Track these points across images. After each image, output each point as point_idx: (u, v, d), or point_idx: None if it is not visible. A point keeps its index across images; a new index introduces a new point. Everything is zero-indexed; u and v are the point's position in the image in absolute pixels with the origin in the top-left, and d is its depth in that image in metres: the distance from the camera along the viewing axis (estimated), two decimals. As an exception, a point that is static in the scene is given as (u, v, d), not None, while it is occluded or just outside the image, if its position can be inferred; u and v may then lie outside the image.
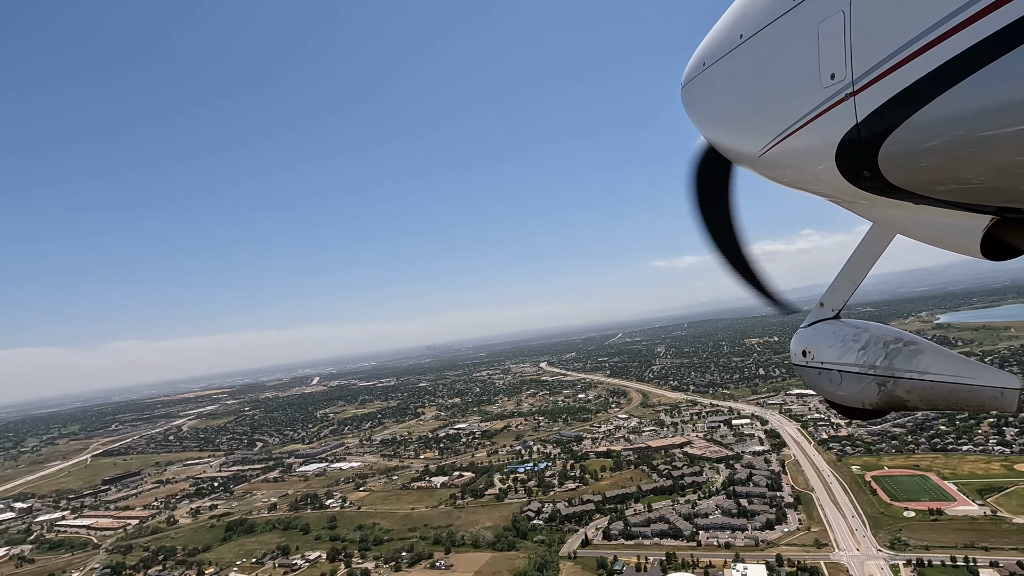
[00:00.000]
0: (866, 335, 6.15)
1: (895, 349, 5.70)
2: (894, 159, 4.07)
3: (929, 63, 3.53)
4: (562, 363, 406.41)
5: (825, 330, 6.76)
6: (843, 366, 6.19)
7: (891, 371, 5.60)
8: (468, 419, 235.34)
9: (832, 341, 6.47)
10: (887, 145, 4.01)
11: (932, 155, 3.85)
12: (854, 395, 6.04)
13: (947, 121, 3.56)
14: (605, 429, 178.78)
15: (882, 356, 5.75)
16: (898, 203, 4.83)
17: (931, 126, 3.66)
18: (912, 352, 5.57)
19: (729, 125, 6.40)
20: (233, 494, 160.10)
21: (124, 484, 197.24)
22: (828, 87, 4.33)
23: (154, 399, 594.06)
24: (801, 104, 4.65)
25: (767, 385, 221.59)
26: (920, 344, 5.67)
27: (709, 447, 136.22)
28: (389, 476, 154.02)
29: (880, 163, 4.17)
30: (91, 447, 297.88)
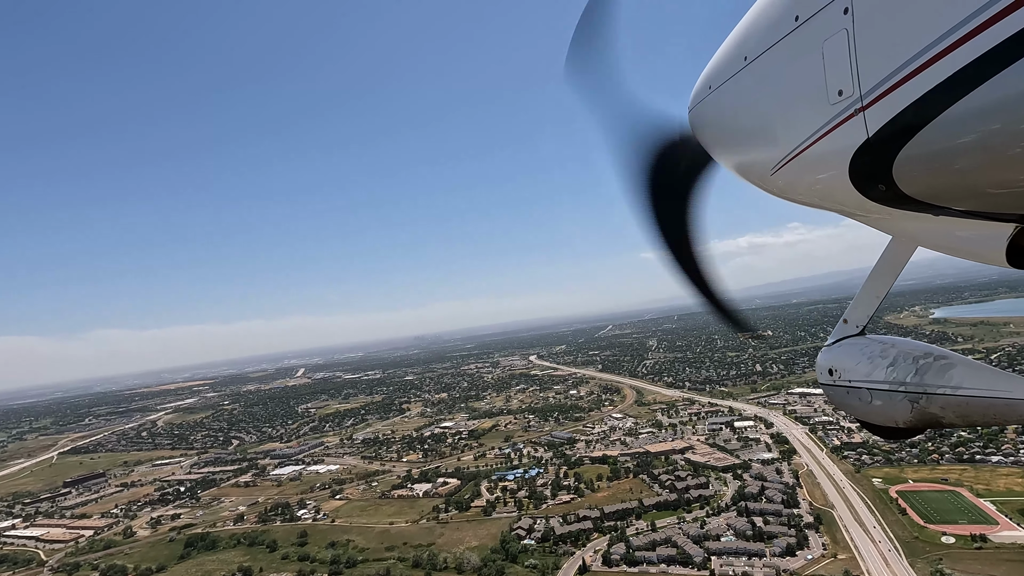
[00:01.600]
0: (894, 351, 5.90)
1: (925, 364, 5.44)
2: (909, 171, 4.05)
3: (938, 74, 3.54)
4: (552, 356, 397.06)
5: (851, 347, 6.56)
6: (872, 384, 5.95)
7: (923, 387, 5.35)
8: (455, 417, 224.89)
9: (859, 358, 6.27)
10: (901, 157, 3.99)
11: (947, 165, 3.83)
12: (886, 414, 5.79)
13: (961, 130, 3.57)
14: (599, 430, 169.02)
15: (912, 372, 5.49)
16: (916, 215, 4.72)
17: (945, 136, 3.66)
18: (943, 367, 5.31)
19: (738, 146, 6.39)
20: (199, 501, 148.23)
21: (86, 487, 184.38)
22: (836, 103, 4.32)
23: (133, 391, 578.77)
24: (810, 122, 4.64)
25: (766, 383, 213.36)
26: (951, 358, 5.38)
27: (713, 453, 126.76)
28: (368, 482, 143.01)
29: (895, 175, 4.13)
30: (60, 443, 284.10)
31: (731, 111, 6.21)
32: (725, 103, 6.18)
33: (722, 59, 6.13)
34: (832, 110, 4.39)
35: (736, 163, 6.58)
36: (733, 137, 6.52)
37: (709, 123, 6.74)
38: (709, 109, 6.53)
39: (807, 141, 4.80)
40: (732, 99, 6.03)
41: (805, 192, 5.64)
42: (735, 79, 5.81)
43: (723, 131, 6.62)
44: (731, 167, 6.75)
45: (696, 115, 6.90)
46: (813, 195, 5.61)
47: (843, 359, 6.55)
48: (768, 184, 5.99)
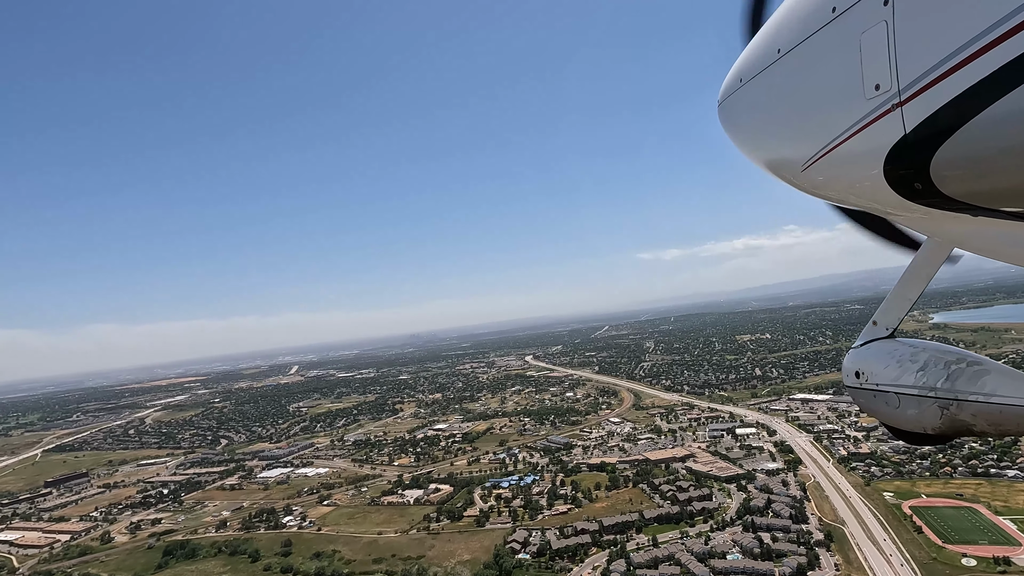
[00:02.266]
0: (924, 355, 5.79)
1: (958, 370, 5.33)
2: (947, 170, 3.93)
3: (979, 71, 3.46)
4: (548, 357, 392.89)
5: (880, 350, 6.43)
6: (901, 388, 5.84)
7: (954, 393, 5.23)
8: (448, 418, 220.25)
9: (888, 362, 6.14)
10: (939, 156, 3.88)
11: (988, 165, 3.73)
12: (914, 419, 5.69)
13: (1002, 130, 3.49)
14: (597, 435, 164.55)
15: (943, 377, 5.38)
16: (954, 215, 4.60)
17: (985, 135, 3.58)
18: (976, 373, 5.19)
19: (770, 141, 6.27)
20: (182, 504, 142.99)
21: (68, 487, 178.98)
22: (873, 98, 4.21)
23: (124, 386, 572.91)
24: (845, 116, 4.53)
25: (767, 387, 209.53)
26: (986, 364, 5.27)
27: (715, 462, 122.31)
28: (358, 487, 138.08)
29: (932, 174, 4.02)
30: (45, 440, 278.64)
31: (762, 105, 6.06)
32: (756, 97, 6.03)
33: (754, 52, 5.99)
34: (868, 105, 4.25)
35: (766, 159, 6.37)
36: (764, 132, 6.33)
37: (739, 117, 6.58)
38: (740, 103, 6.38)
39: (841, 137, 4.63)
40: (764, 93, 5.86)
41: (837, 190, 5.51)
42: (767, 72, 5.66)
43: (754, 126, 6.45)
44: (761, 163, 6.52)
45: (726, 109, 6.73)
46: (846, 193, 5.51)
47: (871, 362, 6.40)
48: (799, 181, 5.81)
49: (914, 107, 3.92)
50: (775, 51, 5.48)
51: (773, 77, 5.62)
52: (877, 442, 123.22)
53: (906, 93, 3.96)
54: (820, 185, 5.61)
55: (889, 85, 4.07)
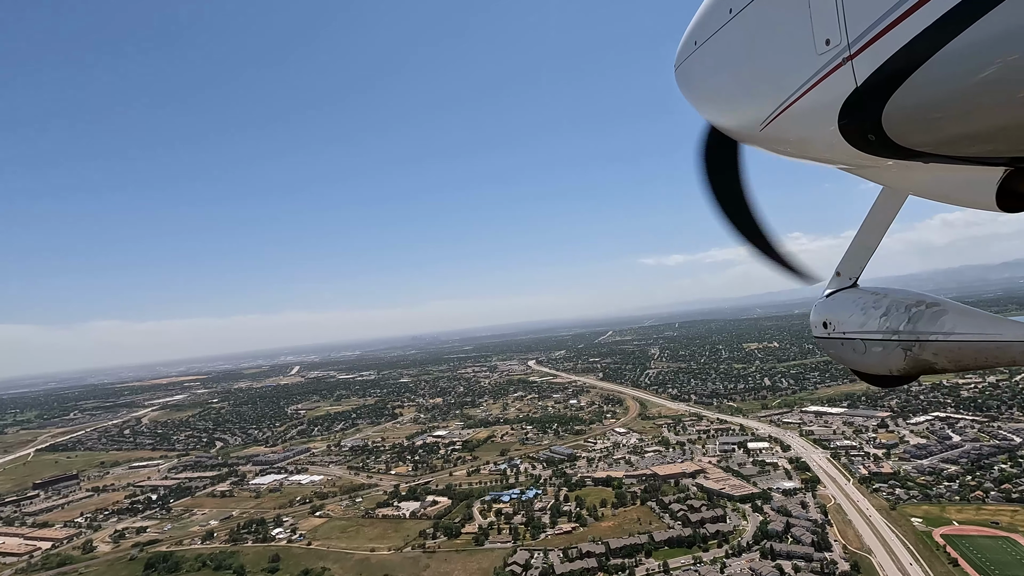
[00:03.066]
0: (886, 300, 6.02)
1: (918, 312, 5.56)
2: (898, 119, 4.03)
3: (925, 19, 3.52)
4: (551, 362, 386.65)
5: (844, 299, 6.62)
6: (866, 334, 6.06)
7: (916, 335, 5.47)
8: (449, 424, 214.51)
9: (852, 310, 6.35)
10: (890, 105, 3.97)
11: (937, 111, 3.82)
12: (880, 362, 5.91)
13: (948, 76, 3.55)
14: (602, 446, 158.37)
15: (905, 320, 5.62)
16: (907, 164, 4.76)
17: (933, 82, 3.64)
18: (936, 313, 5.43)
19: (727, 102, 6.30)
20: (170, 512, 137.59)
21: (56, 489, 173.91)
22: (824, 53, 4.30)
23: (125, 384, 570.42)
24: (798, 73, 4.61)
25: (777, 398, 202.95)
26: (943, 304, 5.52)
27: (728, 479, 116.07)
28: (352, 498, 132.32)
29: (884, 124, 4.12)
30: (40, 439, 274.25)
31: (718, 67, 6.02)
32: (711, 59, 6.00)
33: (707, 13, 5.93)
34: (820, 60, 4.34)
35: (725, 120, 6.41)
36: (721, 93, 6.33)
37: (696, 80, 6.55)
38: (695, 66, 6.36)
39: (796, 93, 4.71)
40: (718, 54, 5.84)
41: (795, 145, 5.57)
42: (720, 33, 5.64)
43: (710, 88, 6.42)
44: (720, 124, 6.58)
45: (682, 73, 6.68)
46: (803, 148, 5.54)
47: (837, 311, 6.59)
48: (758, 140, 5.90)
49: (864, 60, 3.97)
50: (727, 11, 5.42)
51: (726, 38, 5.56)
52: (899, 461, 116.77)
53: (855, 46, 4.01)
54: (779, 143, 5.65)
55: (839, 39, 4.12)
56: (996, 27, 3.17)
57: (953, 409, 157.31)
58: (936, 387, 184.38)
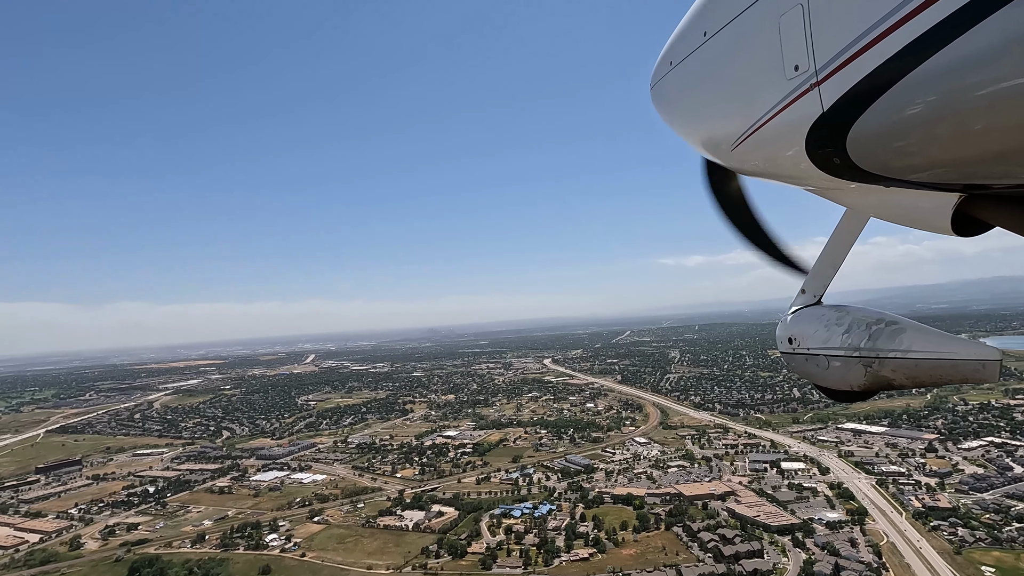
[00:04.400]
0: (849, 318, 6.17)
1: (878, 330, 5.72)
2: (862, 144, 4.20)
3: (888, 48, 3.64)
4: (568, 361, 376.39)
5: (809, 316, 6.75)
6: (829, 350, 6.20)
7: (875, 351, 5.61)
8: (460, 424, 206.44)
9: (816, 327, 6.49)
10: (854, 131, 4.13)
11: (898, 138, 3.99)
12: (842, 378, 6.06)
13: (909, 104, 3.70)
14: (621, 457, 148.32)
15: (866, 338, 5.77)
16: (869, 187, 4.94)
17: (894, 110, 3.81)
18: (894, 331, 5.59)
19: (700, 122, 6.44)
20: (165, 507, 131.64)
21: (58, 475, 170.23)
22: (793, 78, 4.45)
23: (144, 365, 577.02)
24: (768, 97, 4.76)
25: (809, 412, 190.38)
26: (901, 323, 5.69)
27: (761, 505, 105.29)
28: (354, 503, 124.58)
29: (849, 149, 4.29)
30: (52, 419, 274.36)
31: (692, 87, 6.17)
32: (686, 79, 6.13)
33: (682, 35, 6.05)
34: (789, 85, 4.49)
35: (699, 139, 6.53)
36: (694, 113, 6.46)
37: (671, 100, 6.67)
38: (670, 85, 6.48)
39: (765, 116, 4.87)
40: (692, 75, 5.99)
41: (764, 166, 5.73)
42: (695, 55, 5.79)
43: (685, 107, 6.56)
44: (694, 143, 6.68)
45: (658, 92, 6.81)
46: (772, 169, 5.72)
47: (802, 327, 6.71)
48: (730, 159, 6.06)
49: (830, 86, 4.12)
50: (702, 34, 5.58)
51: (700, 59, 5.68)
52: (956, 493, 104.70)
53: (822, 73, 4.16)
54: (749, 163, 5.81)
55: (807, 66, 4.27)
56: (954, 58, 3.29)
57: (1008, 434, 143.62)
58: (985, 407, 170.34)
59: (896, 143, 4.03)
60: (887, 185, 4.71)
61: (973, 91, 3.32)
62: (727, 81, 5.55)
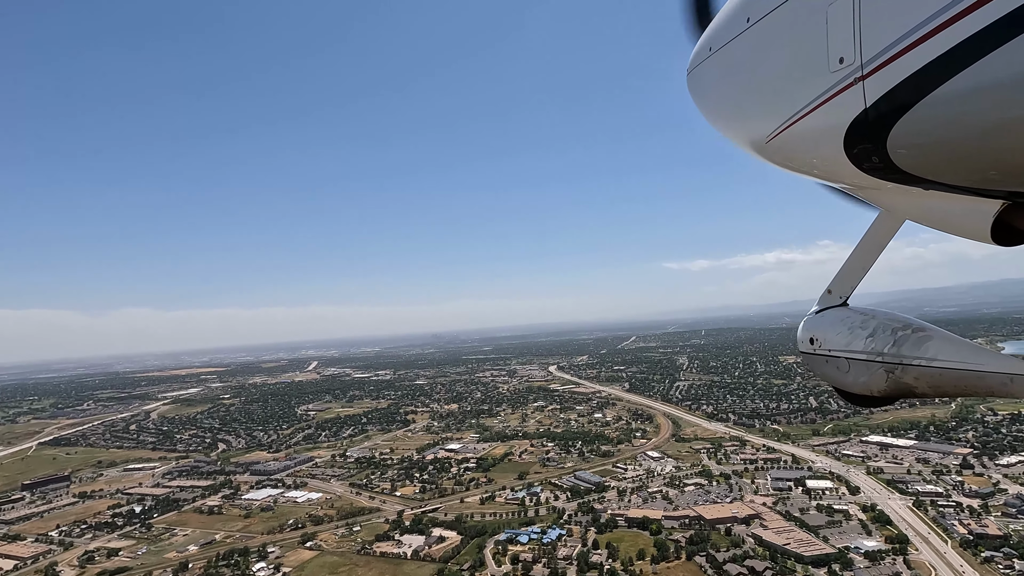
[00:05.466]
0: (874, 322, 6.04)
1: (903, 336, 5.59)
2: (903, 144, 4.08)
3: (938, 47, 3.52)
4: (573, 368, 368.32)
5: (833, 317, 6.65)
6: (851, 353, 6.09)
7: (899, 358, 5.50)
8: (463, 435, 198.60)
9: (840, 328, 6.37)
10: (896, 130, 4.01)
11: (942, 140, 3.88)
12: (862, 383, 5.95)
13: (957, 106, 3.58)
14: (634, 474, 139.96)
15: (890, 343, 5.65)
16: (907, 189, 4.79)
17: (941, 111, 3.67)
18: (920, 339, 5.45)
19: (736, 111, 6.27)
20: (150, 529, 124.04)
21: (44, 492, 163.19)
22: (837, 71, 4.30)
23: (146, 373, 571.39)
24: (809, 89, 4.61)
25: (828, 422, 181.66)
26: (929, 330, 5.55)
27: (790, 530, 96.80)
28: (349, 526, 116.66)
29: (889, 148, 4.17)
30: (47, 430, 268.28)
31: (730, 75, 6.00)
32: (724, 66, 5.96)
33: (724, 20, 5.89)
34: (832, 78, 4.33)
35: (733, 129, 6.39)
36: (731, 102, 6.30)
37: (708, 87, 6.51)
38: (709, 72, 6.30)
39: (805, 109, 4.71)
40: (732, 62, 5.81)
41: (799, 161, 5.59)
42: (736, 41, 5.59)
43: (721, 95, 6.40)
44: (727, 133, 6.50)
45: (695, 78, 6.64)
46: (808, 164, 5.56)
47: (825, 329, 6.60)
48: (763, 152, 5.91)
49: (875, 81, 3.97)
50: (745, 20, 5.38)
51: (742, 46, 5.51)
52: (1005, 517, 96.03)
53: (868, 67, 4.00)
54: (784, 156, 5.63)
55: (853, 59, 4.10)
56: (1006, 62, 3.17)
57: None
58: (1017, 418, 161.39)
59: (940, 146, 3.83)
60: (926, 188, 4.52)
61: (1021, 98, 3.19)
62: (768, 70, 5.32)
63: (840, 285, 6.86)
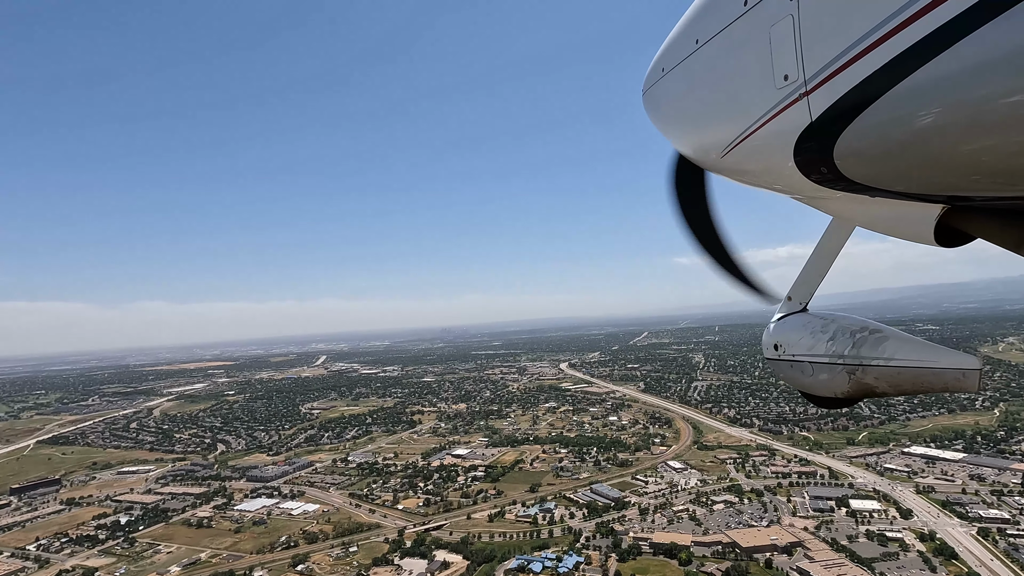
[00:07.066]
0: (833, 326, 6.25)
1: (862, 338, 5.79)
2: (848, 154, 4.26)
3: (876, 61, 3.69)
4: (586, 366, 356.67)
5: (795, 323, 6.84)
6: (814, 357, 6.27)
7: (859, 359, 5.70)
8: (471, 439, 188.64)
9: (802, 333, 6.57)
10: (841, 141, 4.19)
11: (883, 149, 4.07)
12: (826, 385, 6.15)
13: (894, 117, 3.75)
14: (655, 488, 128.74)
15: (850, 345, 5.84)
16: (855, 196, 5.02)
17: (881, 122, 3.86)
18: (878, 339, 5.66)
19: (691, 129, 6.48)
20: (133, 545, 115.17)
21: (32, 497, 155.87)
22: (782, 88, 4.49)
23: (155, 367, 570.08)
24: (758, 106, 4.80)
25: (862, 430, 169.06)
26: (885, 331, 5.76)
27: (840, 563, 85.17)
28: (345, 545, 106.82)
29: (836, 159, 4.35)
30: (47, 427, 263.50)
31: (683, 94, 6.20)
32: (677, 86, 6.17)
33: (675, 42, 6.08)
34: (778, 94, 4.52)
35: (689, 146, 6.58)
36: (685, 120, 6.49)
37: (662, 106, 6.70)
38: (662, 92, 6.51)
39: (755, 125, 4.90)
40: (684, 82, 6.02)
41: (753, 174, 5.80)
42: (687, 62, 5.81)
43: (675, 114, 6.59)
44: (684, 150, 6.74)
45: (650, 97, 6.85)
46: (760, 177, 5.78)
47: (787, 334, 6.78)
48: (719, 166, 6.12)
49: (819, 96, 4.15)
50: (694, 41, 5.58)
51: (692, 67, 5.70)
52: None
53: (811, 83, 4.18)
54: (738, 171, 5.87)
55: (796, 75, 4.29)
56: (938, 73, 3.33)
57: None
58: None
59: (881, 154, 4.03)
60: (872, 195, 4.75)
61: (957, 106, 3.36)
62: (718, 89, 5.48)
63: (799, 291, 7.00)
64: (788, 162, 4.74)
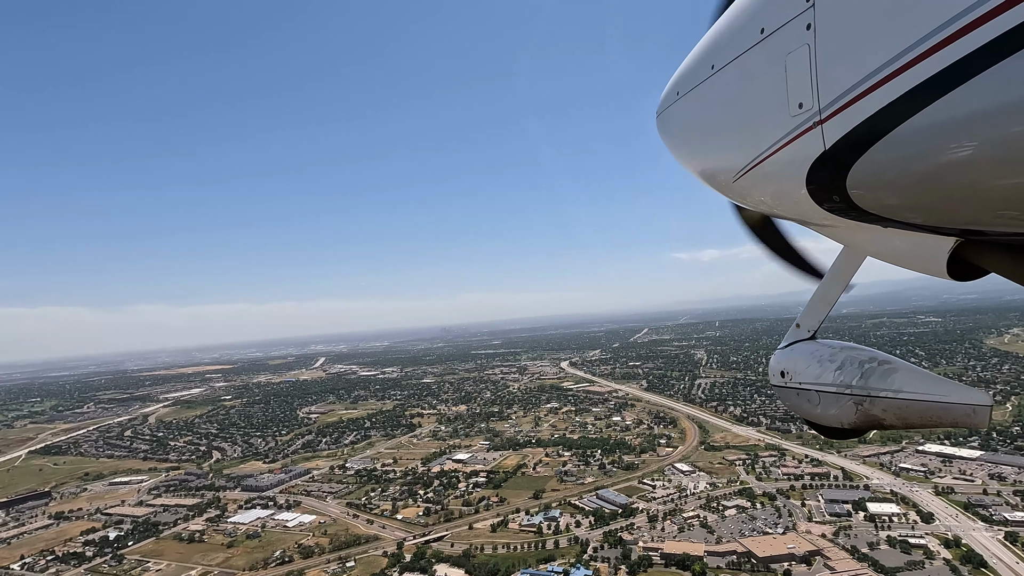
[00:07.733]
0: (842, 355, 6.21)
1: (870, 368, 5.75)
2: (861, 184, 4.27)
3: (892, 92, 3.70)
4: (587, 365, 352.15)
5: (802, 351, 6.79)
6: (821, 386, 6.23)
7: (867, 390, 5.65)
8: (472, 442, 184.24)
9: (809, 362, 6.51)
10: (855, 170, 4.20)
11: (897, 180, 4.07)
12: (832, 415, 6.10)
13: (910, 148, 3.76)
14: (664, 493, 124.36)
15: (858, 376, 5.80)
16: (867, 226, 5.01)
17: (895, 152, 3.87)
18: (887, 371, 5.62)
19: (703, 153, 6.54)
20: (122, 562, 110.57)
21: (20, 511, 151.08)
22: (796, 115, 4.50)
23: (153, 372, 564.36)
24: (771, 133, 4.82)
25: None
26: (894, 363, 5.72)
27: (864, 573, 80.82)
28: (342, 561, 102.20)
29: (848, 188, 4.36)
30: (40, 436, 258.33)
31: (697, 118, 6.26)
32: (692, 110, 6.22)
33: (690, 66, 6.14)
34: (792, 122, 4.54)
35: (700, 169, 6.59)
36: (698, 144, 6.57)
37: (676, 129, 6.76)
38: (676, 115, 6.55)
39: (768, 151, 4.93)
40: (699, 106, 6.07)
41: (765, 200, 5.81)
42: (702, 87, 5.85)
43: (689, 137, 6.66)
44: (696, 173, 6.75)
45: (664, 120, 6.90)
46: (772, 204, 5.81)
47: (795, 362, 6.71)
48: (730, 191, 6.13)
49: (833, 125, 4.16)
50: (709, 67, 5.61)
51: (707, 92, 5.74)
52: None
53: (826, 112, 4.19)
54: (749, 196, 5.90)
55: (811, 104, 4.31)
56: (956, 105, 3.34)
57: None
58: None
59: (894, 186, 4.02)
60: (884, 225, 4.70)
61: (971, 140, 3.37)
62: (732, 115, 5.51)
63: (808, 319, 6.90)
64: (800, 189, 4.72)
